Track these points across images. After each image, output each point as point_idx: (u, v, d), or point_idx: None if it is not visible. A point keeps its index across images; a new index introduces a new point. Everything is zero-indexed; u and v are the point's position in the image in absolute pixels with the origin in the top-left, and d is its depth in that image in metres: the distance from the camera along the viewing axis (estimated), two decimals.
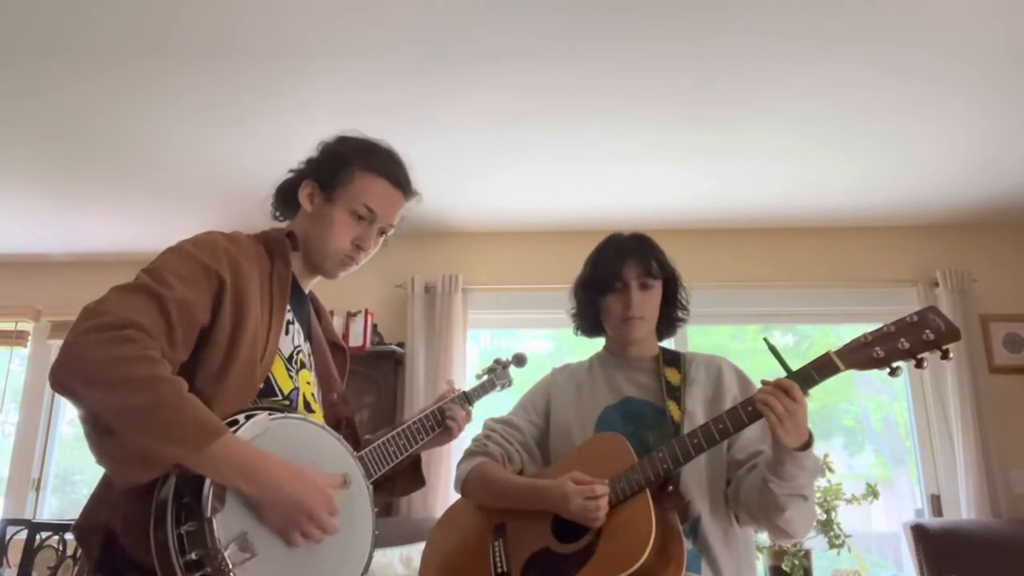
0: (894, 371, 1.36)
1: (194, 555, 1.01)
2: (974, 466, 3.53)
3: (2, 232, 4.16)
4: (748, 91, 2.81)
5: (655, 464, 1.45)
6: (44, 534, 3.30)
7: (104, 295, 1.12)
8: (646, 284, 1.66)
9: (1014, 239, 4.01)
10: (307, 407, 1.37)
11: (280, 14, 2.37)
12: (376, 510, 1.30)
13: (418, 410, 1.63)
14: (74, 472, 4.43)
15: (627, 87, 2.78)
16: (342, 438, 1.31)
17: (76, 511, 1.19)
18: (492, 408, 1.94)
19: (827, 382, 1.39)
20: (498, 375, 1.80)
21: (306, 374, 1.40)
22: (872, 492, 3.33)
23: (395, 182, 1.45)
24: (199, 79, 2.73)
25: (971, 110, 2.93)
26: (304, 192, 1.42)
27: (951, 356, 1.33)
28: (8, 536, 3.45)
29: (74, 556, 3.23)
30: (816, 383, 1.38)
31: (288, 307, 1.35)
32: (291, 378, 1.34)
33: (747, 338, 4.28)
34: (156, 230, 3.99)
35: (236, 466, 1.06)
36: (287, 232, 1.40)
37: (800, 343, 4.26)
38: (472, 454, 1.72)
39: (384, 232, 1.47)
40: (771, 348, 1.42)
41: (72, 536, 1.20)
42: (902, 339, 1.35)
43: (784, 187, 3.66)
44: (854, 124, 3.04)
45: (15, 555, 3.32)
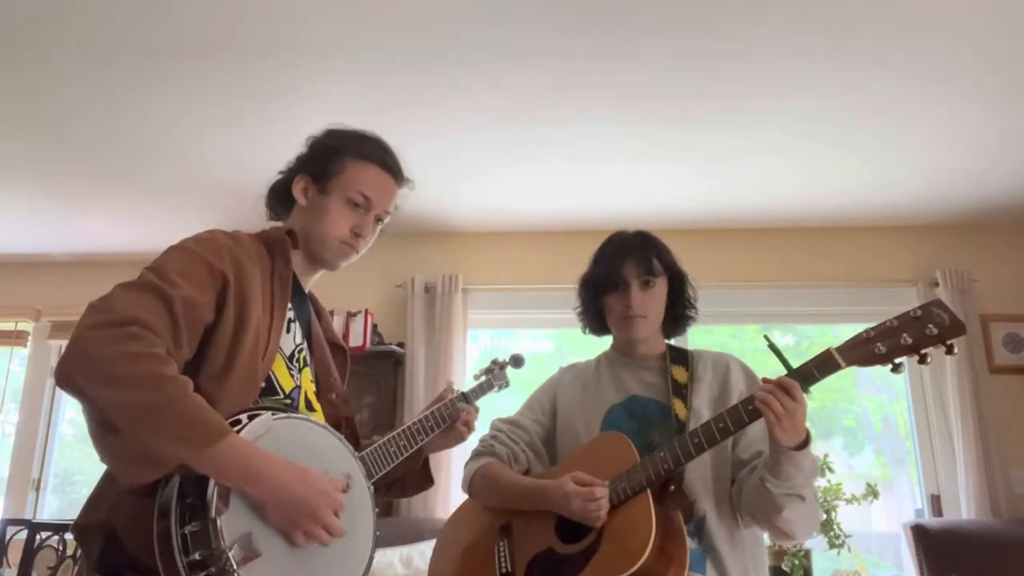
0: (896, 367, 1.33)
1: (198, 555, 1.00)
2: (974, 466, 3.53)
3: (2, 232, 4.16)
4: (748, 91, 2.81)
5: (656, 464, 1.44)
6: (44, 534, 3.30)
7: (109, 292, 1.12)
8: (647, 282, 1.64)
9: (1014, 239, 4.01)
10: (308, 406, 1.37)
11: (279, 14, 2.37)
12: (377, 510, 1.29)
13: (418, 411, 1.63)
14: (74, 472, 4.43)
15: (627, 86, 2.78)
16: (344, 438, 1.30)
17: (76, 511, 1.19)
18: (492, 408, 1.93)
19: (828, 381, 1.37)
20: (495, 376, 1.80)
21: (308, 373, 1.41)
22: (872, 492, 3.33)
23: (387, 168, 1.45)
24: (199, 79, 2.73)
25: (972, 110, 2.93)
26: (298, 187, 1.43)
27: (955, 351, 1.30)
28: (8, 536, 3.45)
29: (74, 556, 3.22)
30: (817, 380, 1.36)
31: (289, 305, 1.35)
32: (292, 377, 1.34)
33: (747, 338, 4.29)
34: (156, 230, 3.99)
35: (241, 467, 1.06)
36: (287, 230, 1.40)
37: (800, 343, 4.26)
38: (478, 455, 1.73)
39: (380, 219, 1.46)
40: (772, 346, 1.40)
41: (72, 536, 1.19)
42: (904, 334, 1.31)
43: (784, 187, 3.66)
44: (854, 124, 3.04)
45: (15, 555, 3.32)
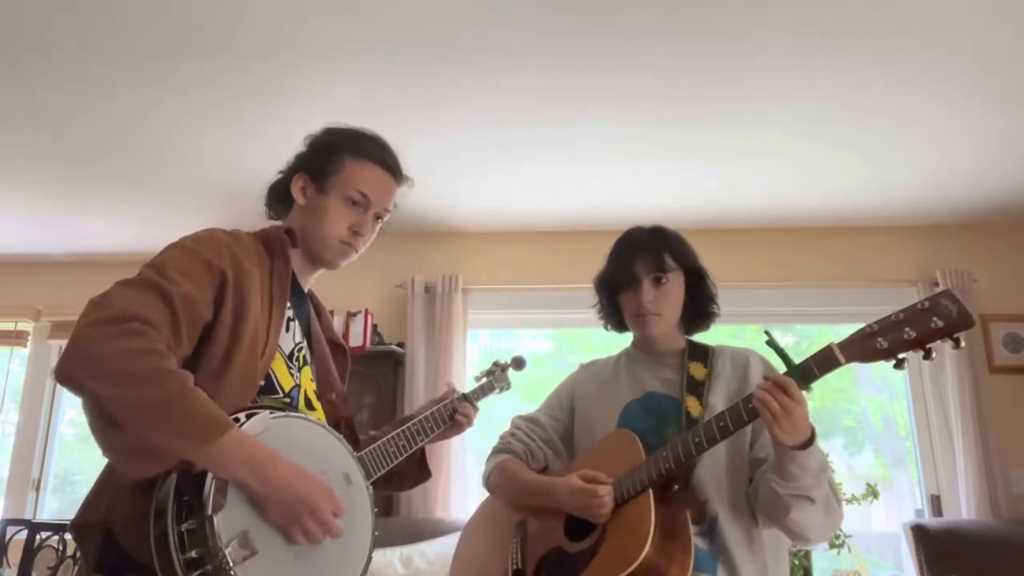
0: (899, 363, 1.26)
1: (194, 553, 1.00)
2: (974, 466, 3.53)
3: (2, 232, 4.17)
4: (748, 91, 2.81)
5: (658, 463, 1.43)
6: (44, 534, 3.29)
7: (109, 289, 1.12)
8: (659, 280, 1.60)
9: (1014, 239, 4.01)
10: (308, 405, 1.37)
11: (279, 14, 2.37)
12: (376, 510, 1.29)
13: (417, 409, 1.63)
14: (74, 472, 4.43)
15: (627, 86, 2.78)
16: (343, 438, 1.30)
17: (76, 511, 1.19)
18: (492, 409, 1.94)
19: (829, 381, 1.33)
20: (497, 378, 1.80)
21: (308, 371, 1.40)
22: (872, 492, 3.33)
23: (385, 166, 1.45)
24: (199, 79, 2.73)
25: (972, 110, 2.93)
26: (296, 186, 1.43)
27: (963, 345, 1.22)
28: (8, 536, 3.45)
29: (74, 556, 3.22)
30: (816, 377, 1.31)
31: (288, 304, 1.35)
32: (292, 375, 1.34)
33: (747, 338, 4.28)
34: (156, 230, 3.99)
35: (243, 461, 1.06)
36: (286, 229, 1.40)
37: (800, 343, 4.26)
38: (496, 452, 1.74)
39: (380, 217, 1.46)
40: (771, 343, 1.36)
41: (70, 535, 1.19)
42: (908, 328, 1.24)
43: (784, 187, 3.65)
44: (855, 124, 3.04)
45: (15, 555, 3.31)
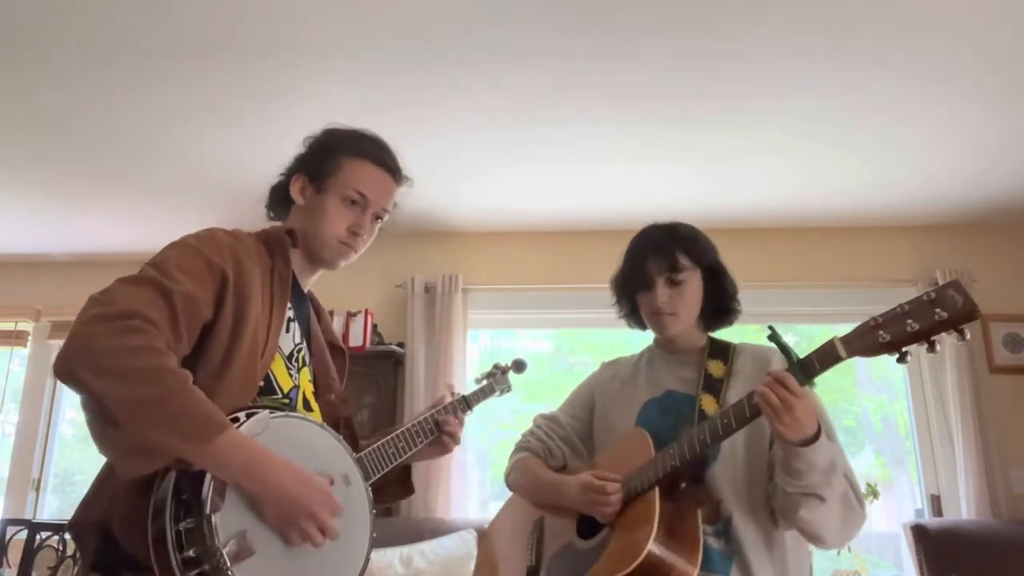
0: (902, 356, 1.23)
1: (192, 552, 1.00)
2: (974, 466, 3.53)
3: (2, 232, 4.17)
4: (748, 91, 2.80)
5: (664, 461, 1.42)
6: (44, 534, 3.30)
7: (109, 286, 1.12)
8: (673, 280, 1.58)
9: (1014, 239, 4.01)
10: (306, 406, 1.37)
11: (279, 14, 2.37)
12: (374, 511, 1.29)
13: (417, 412, 1.62)
14: (74, 472, 4.43)
15: (626, 86, 2.78)
16: (342, 439, 1.30)
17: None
18: (494, 409, 1.94)
19: (829, 381, 1.30)
20: (497, 380, 1.80)
21: (307, 372, 1.40)
22: (872, 492, 3.32)
23: (384, 166, 1.44)
24: (199, 79, 2.73)
25: (972, 110, 2.93)
26: (295, 187, 1.42)
27: (968, 336, 1.19)
28: (8, 536, 3.45)
29: (74, 556, 3.22)
30: (818, 372, 1.29)
31: (288, 304, 1.35)
32: (291, 376, 1.34)
33: (747, 338, 4.28)
34: (156, 230, 3.98)
35: (240, 461, 1.06)
36: (287, 229, 1.40)
37: (800, 343, 4.25)
38: (516, 450, 1.75)
39: (379, 217, 1.45)
40: (774, 337, 1.34)
41: (69, 534, 1.19)
42: (911, 320, 1.20)
43: (784, 187, 3.65)
44: (854, 124, 3.04)
45: (15, 555, 3.32)
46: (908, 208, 3.86)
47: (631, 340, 1.85)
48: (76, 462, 4.43)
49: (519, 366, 1.84)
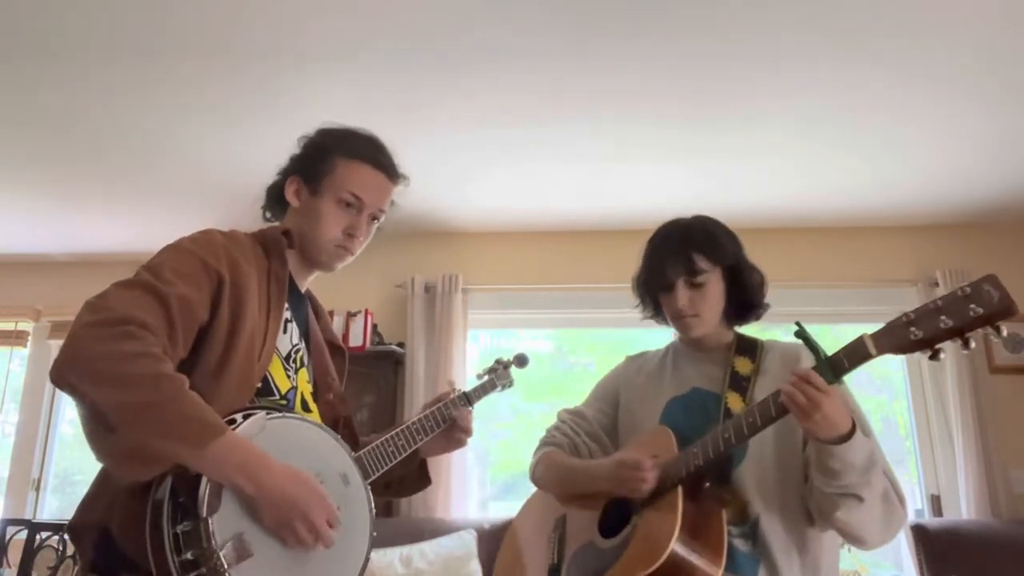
0: (935, 354, 1.17)
1: (190, 555, 1.00)
2: (974, 466, 3.53)
3: (2, 232, 4.17)
4: (748, 91, 2.80)
5: (688, 459, 1.38)
6: (44, 534, 3.30)
7: (105, 290, 1.12)
8: (692, 282, 1.55)
9: (1015, 239, 4.00)
10: (304, 406, 1.37)
11: (279, 15, 2.36)
12: (374, 511, 1.29)
13: (417, 410, 1.62)
14: (74, 472, 4.43)
15: (626, 87, 2.78)
16: (340, 438, 1.30)
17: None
18: (494, 408, 1.93)
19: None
20: (499, 375, 1.79)
21: (305, 373, 1.40)
22: None
23: (378, 166, 1.43)
24: (198, 79, 2.73)
25: (972, 110, 2.92)
26: (290, 189, 1.42)
27: (1004, 333, 1.13)
28: (8, 536, 3.45)
29: (74, 556, 3.22)
30: (847, 370, 1.24)
31: (285, 305, 1.35)
32: (289, 377, 1.34)
33: None
34: (156, 230, 3.99)
35: (237, 465, 1.06)
36: (283, 230, 1.40)
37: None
38: (541, 445, 1.73)
39: (376, 218, 1.44)
40: (801, 333, 1.28)
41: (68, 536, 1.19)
42: (944, 316, 1.15)
43: (784, 187, 3.65)
44: (854, 124, 3.04)
45: (15, 555, 3.32)
46: (908, 208, 3.86)
47: (631, 340, 1.85)
48: (76, 462, 4.43)
49: (521, 360, 1.83)
